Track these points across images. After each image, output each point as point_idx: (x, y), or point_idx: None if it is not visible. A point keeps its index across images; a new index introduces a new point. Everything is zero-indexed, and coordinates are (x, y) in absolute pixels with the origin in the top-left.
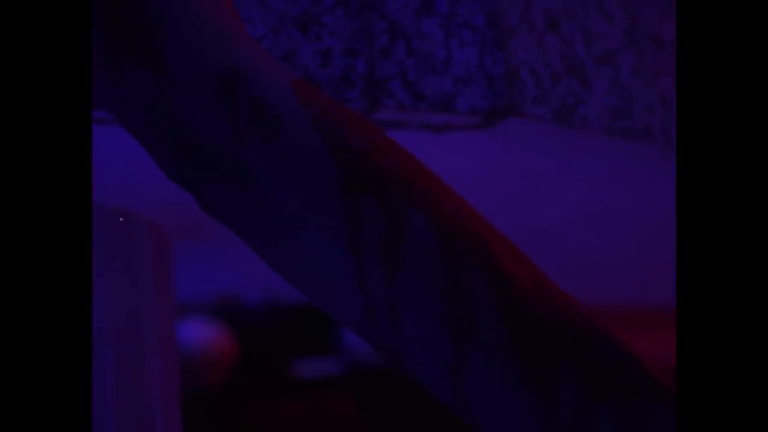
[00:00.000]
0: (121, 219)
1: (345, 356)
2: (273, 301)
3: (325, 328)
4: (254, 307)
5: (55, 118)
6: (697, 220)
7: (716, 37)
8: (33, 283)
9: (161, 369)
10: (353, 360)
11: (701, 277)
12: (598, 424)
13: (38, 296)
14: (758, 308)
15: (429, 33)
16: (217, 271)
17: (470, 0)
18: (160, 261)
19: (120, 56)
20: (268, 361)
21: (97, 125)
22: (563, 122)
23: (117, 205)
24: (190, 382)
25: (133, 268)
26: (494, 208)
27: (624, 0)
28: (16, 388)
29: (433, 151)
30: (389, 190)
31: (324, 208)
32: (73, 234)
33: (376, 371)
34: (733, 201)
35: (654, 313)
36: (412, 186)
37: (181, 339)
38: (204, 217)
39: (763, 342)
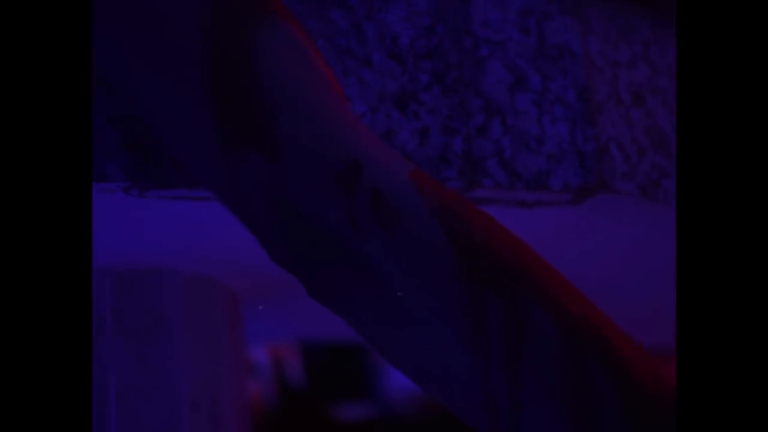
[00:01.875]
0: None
1: (382, 400)
2: (309, 343)
3: (361, 371)
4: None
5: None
6: (696, 222)
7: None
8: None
9: (236, 428)
10: (390, 404)
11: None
12: None
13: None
14: (758, 309)
15: (522, 109)
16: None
17: (561, 75)
18: (234, 323)
19: (235, 141)
20: (307, 403)
21: (172, 201)
22: (648, 196)
23: (194, 271)
24: None
25: (210, 332)
26: (584, 283)
27: None
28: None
29: (523, 226)
30: (511, 284)
31: (446, 301)
32: (72, 234)
33: (412, 416)
34: (730, 205)
35: None
36: (533, 280)
37: None
38: (271, 278)
39: (762, 342)
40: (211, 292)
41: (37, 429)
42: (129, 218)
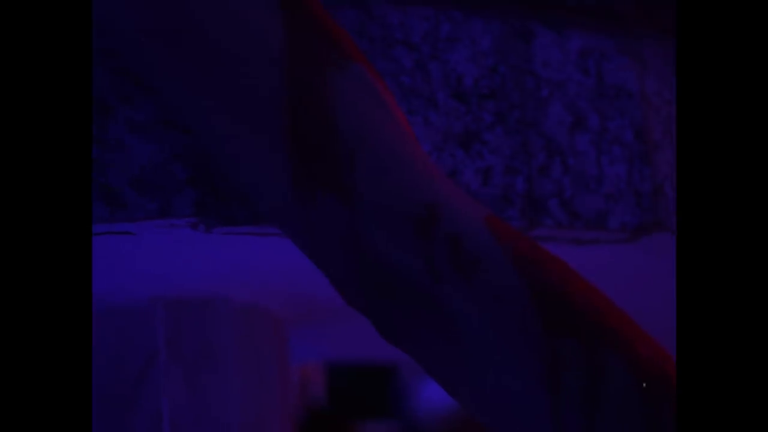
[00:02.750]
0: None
1: (406, 419)
2: (335, 363)
3: (386, 391)
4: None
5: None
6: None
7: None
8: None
9: None
10: (414, 423)
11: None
12: None
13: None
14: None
15: (582, 150)
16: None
17: (619, 115)
18: (281, 350)
19: (310, 185)
20: (331, 422)
21: (236, 235)
22: None
23: (244, 301)
24: None
25: (259, 360)
26: (639, 321)
27: None
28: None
29: (579, 263)
30: (588, 331)
31: (523, 347)
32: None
33: None
34: (729, 202)
35: None
36: (608, 327)
37: None
38: (315, 305)
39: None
40: (260, 320)
41: None
42: (190, 251)
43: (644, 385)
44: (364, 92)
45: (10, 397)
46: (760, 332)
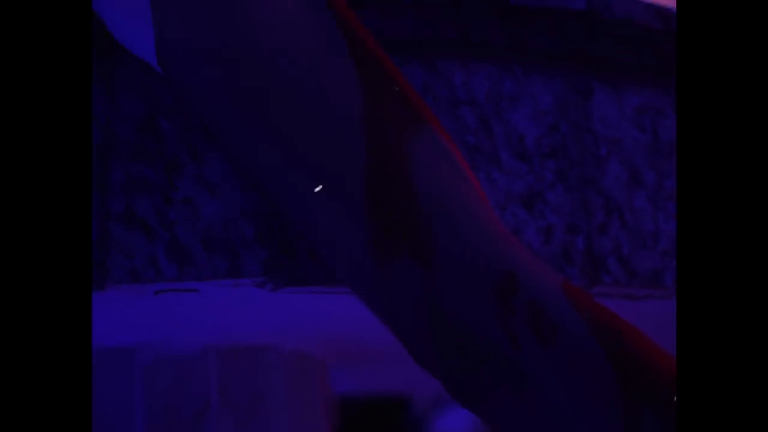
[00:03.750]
0: None
1: None
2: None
3: (400, 421)
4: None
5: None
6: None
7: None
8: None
9: None
10: None
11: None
12: None
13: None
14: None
15: (639, 206)
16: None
17: (674, 172)
18: (325, 393)
19: (388, 248)
20: None
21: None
22: None
23: (292, 347)
24: None
25: (306, 404)
26: None
27: None
28: None
29: (632, 318)
30: (666, 400)
31: (604, 415)
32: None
33: None
34: (728, 201)
35: None
36: None
37: None
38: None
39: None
40: (306, 365)
41: None
42: (252, 306)
43: None
44: (440, 155)
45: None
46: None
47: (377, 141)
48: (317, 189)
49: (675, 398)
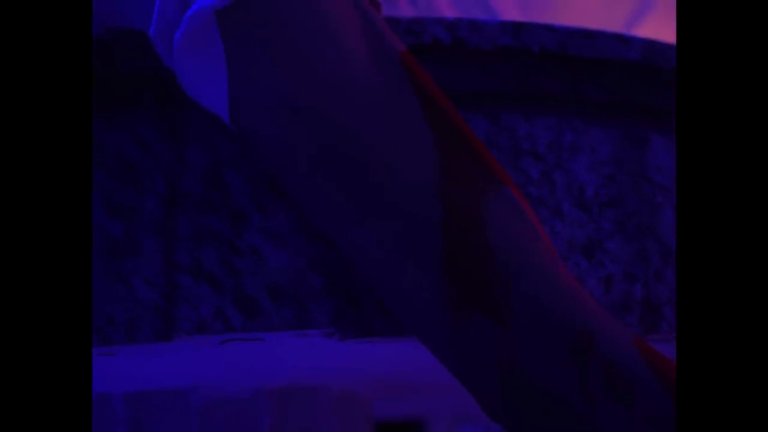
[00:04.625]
0: None
1: None
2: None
3: None
4: None
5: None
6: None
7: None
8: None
9: None
10: None
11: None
12: None
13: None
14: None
15: None
16: None
17: None
18: (369, 428)
19: (463, 305)
20: None
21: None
22: None
23: (342, 387)
24: None
25: None
26: None
27: None
28: None
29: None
30: None
31: None
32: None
33: None
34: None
35: None
36: None
37: None
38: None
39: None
40: (354, 404)
41: None
42: (315, 354)
43: None
44: (515, 214)
45: None
46: None
47: (453, 200)
48: (392, 247)
49: None
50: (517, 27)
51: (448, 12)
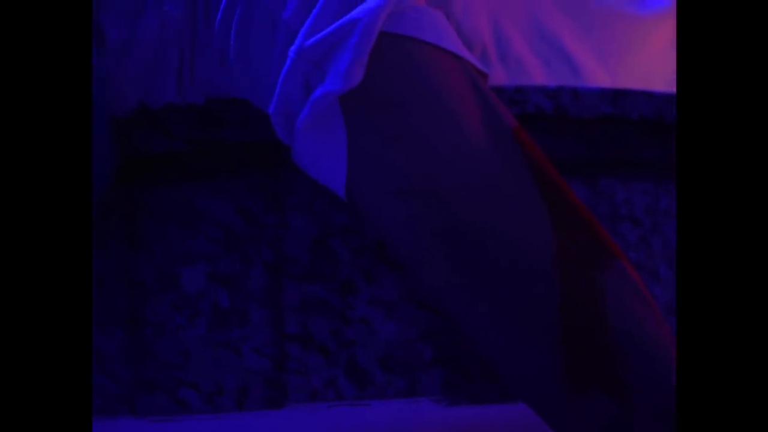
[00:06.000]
0: None
1: None
2: None
3: None
4: None
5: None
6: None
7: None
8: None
9: None
10: None
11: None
12: None
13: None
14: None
15: None
16: None
17: None
18: None
19: (583, 383)
20: None
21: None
22: None
23: None
24: None
25: None
26: None
27: None
28: None
29: None
30: None
31: None
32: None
33: None
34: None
35: None
36: None
37: None
38: None
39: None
40: None
41: None
42: (427, 420)
43: None
44: (630, 289)
45: None
46: None
47: (570, 277)
48: (509, 327)
49: None
50: (615, 94)
51: (537, 70)
